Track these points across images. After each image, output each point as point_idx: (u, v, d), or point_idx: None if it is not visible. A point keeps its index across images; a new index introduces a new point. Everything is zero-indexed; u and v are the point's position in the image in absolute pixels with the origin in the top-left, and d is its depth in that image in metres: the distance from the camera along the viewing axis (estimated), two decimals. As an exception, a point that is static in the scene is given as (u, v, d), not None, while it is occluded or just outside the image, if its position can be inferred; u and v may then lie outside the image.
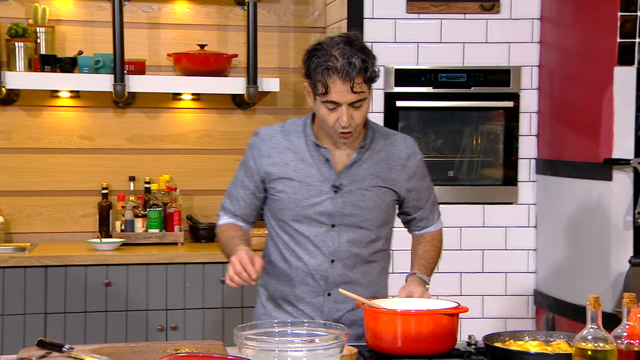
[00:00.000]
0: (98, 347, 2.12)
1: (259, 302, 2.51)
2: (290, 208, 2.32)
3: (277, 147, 2.34)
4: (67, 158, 4.11)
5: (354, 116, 2.22)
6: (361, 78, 2.18)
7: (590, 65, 3.47)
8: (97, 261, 3.68)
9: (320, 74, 2.18)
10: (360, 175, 2.33)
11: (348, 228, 2.33)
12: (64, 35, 4.06)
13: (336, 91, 2.18)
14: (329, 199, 2.31)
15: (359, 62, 2.17)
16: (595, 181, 3.41)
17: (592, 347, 1.72)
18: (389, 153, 2.37)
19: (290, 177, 2.32)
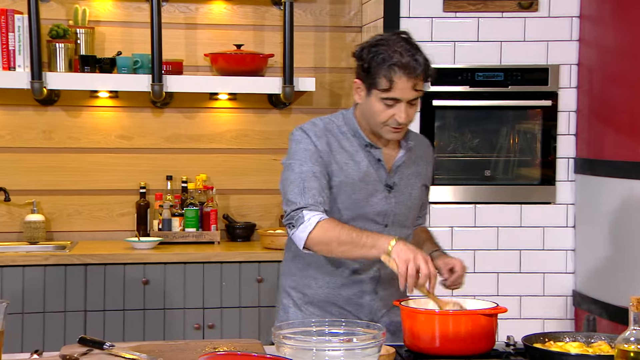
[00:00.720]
0: (137, 345, 2.14)
1: (291, 307, 2.41)
2: (348, 208, 2.30)
3: (331, 146, 2.29)
4: (105, 157, 4.16)
5: (409, 113, 2.23)
6: (423, 77, 2.20)
7: (631, 64, 3.42)
8: (135, 260, 3.71)
9: (385, 69, 2.17)
10: (407, 174, 2.36)
11: (397, 227, 2.34)
12: (103, 36, 4.11)
13: (400, 87, 2.18)
14: (384, 199, 2.32)
15: (422, 59, 2.20)
16: (636, 180, 3.36)
17: (634, 349, 1.70)
18: (421, 150, 2.42)
19: (348, 177, 2.29)
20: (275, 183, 4.26)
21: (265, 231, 3.97)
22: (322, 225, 2.17)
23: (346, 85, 4.31)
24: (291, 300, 2.43)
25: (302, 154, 2.26)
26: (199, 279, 3.75)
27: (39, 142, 4.11)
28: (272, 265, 3.79)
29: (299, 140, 2.28)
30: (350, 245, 2.15)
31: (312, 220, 2.17)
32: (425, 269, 2.06)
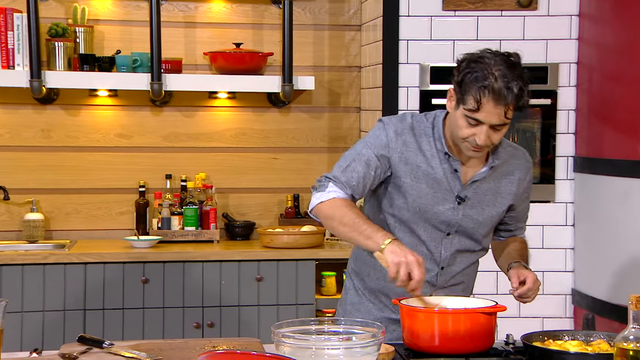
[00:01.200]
0: (137, 343, 2.14)
1: (351, 289, 2.45)
2: (413, 210, 2.28)
3: (408, 146, 2.26)
4: (105, 156, 4.16)
5: (491, 137, 2.16)
6: (513, 106, 2.11)
7: (630, 62, 3.42)
8: (134, 258, 3.72)
9: (475, 89, 2.10)
10: (483, 189, 2.30)
11: (462, 237, 2.32)
12: (102, 34, 4.11)
13: (486, 111, 2.11)
14: (452, 209, 2.28)
15: (517, 89, 2.09)
16: (635, 179, 3.36)
17: (634, 347, 1.70)
18: (511, 167, 2.33)
19: (419, 180, 2.26)
20: (273, 182, 4.31)
21: (264, 230, 3.97)
22: (336, 201, 2.21)
23: (345, 84, 4.31)
24: (352, 283, 2.46)
25: (372, 140, 2.27)
26: (198, 278, 3.75)
27: (38, 140, 4.11)
28: (271, 264, 3.80)
29: (377, 128, 2.29)
30: (349, 228, 2.18)
31: (330, 194, 2.22)
32: (417, 275, 2.06)
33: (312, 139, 4.29)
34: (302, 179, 4.29)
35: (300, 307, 3.80)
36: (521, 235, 2.50)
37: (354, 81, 4.31)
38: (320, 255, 3.85)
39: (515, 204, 2.38)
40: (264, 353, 1.80)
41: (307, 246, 3.88)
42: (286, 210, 4.22)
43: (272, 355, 1.75)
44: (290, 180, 4.28)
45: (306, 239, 3.89)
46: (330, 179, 2.25)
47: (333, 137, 4.31)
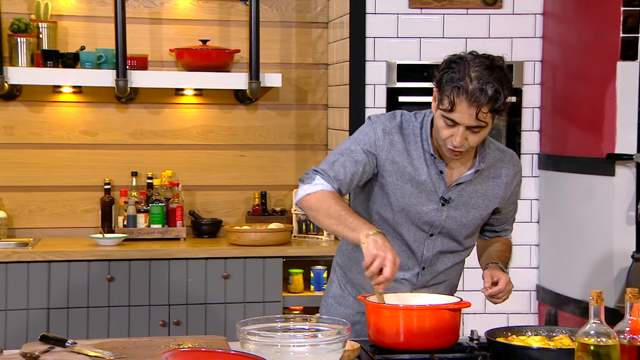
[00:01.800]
0: (100, 342, 2.12)
1: (334, 282, 2.46)
2: (396, 210, 2.28)
3: (395, 145, 2.26)
4: (69, 153, 4.11)
5: (469, 139, 2.15)
6: (488, 107, 2.09)
7: (593, 61, 3.46)
8: (99, 256, 3.68)
9: (449, 90, 2.10)
10: (468, 192, 2.29)
11: (444, 238, 2.32)
12: (66, 30, 4.06)
13: (460, 112, 2.10)
14: (435, 210, 2.28)
15: (492, 92, 2.08)
16: (598, 176, 3.40)
17: (594, 342, 1.72)
18: (499, 171, 2.33)
19: (404, 180, 2.26)
20: (241, 179, 4.29)
21: (231, 227, 3.96)
22: (323, 193, 2.21)
23: (312, 82, 4.31)
24: (336, 276, 2.47)
25: (360, 137, 2.28)
26: (165, 276, 3.73)
27: (1, 137, 4.05)
28: (238, 262, 3.78)
29: (366, 126, 2.30)
30: (335, 221, 2.17)
31: (317, 186, 2.22)
32: (387, 273, 2.05)
33: (279, 137, 4.29)
34: (269, 177, 4.28)
35: (268, 305, 3.79)
36: (507, 237, 2.50)
37: (321, 78, 4.31)
38: (287, 252, 3.85)
39: (501, 207, 2.38)
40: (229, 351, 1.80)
41: (274, 243, 3.87)
42: (253, 207, 4.21)
43: (236, 353, 1.74)
44: (258, 178, 4.27)
45: (273, 237, 3.89)
46: (318, 172, 2.25)
47: (300, 134, 4.31)
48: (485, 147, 2.29)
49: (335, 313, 2.42)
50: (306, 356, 1.84)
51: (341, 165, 2.24)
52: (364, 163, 2.25)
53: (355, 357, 2.03)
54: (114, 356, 2.01)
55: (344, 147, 2.29)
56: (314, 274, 3.97)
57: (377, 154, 2.26)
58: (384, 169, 2.27)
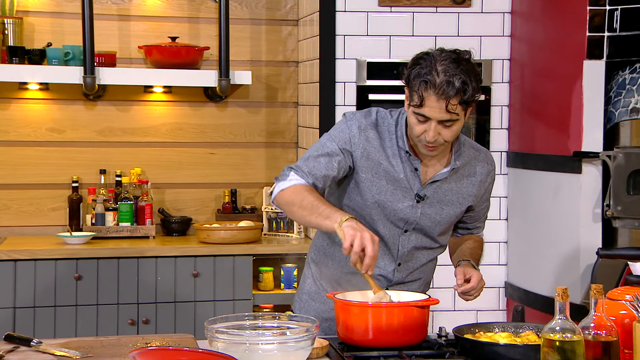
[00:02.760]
0: (67, 341, 2.10)
1: (309, 278, 2.46)
2: (372, 207, 2.29)
3: (370, 142, 2.27)
4: (36, 151, 4.06)
5: (442, 133, 2.16)
6: (457, 99, 2.11)
7: (560, 59, 3.50)
8: (67, 255, 3.65)
9: (417, 85, 2.12)
10: (443, 190, 2.31)
11: (419, 234, 2.33)
12: (32, 26, 4.01)
13: (429, 106, 2.12)
14: (410, 207, 2.29)
15: (459, 83, 2.10)
16: (565, 174, 3.44)
17: (559, 338, 1.74)
18: (473, 169, 2.34)
19: (379, 177, 2.27)
20: (210, 177, 4.27)
21: (201, 225, 3.94)
22: (296, 187, 2.23)
23: (282, 79, 4.30)
24: (310, 272, 2.46)
25: (336, 133, 2.29)
26: (134, 274, 3.70)
27: (-34, 135, 4.00)
28: (207, 260, 3.77)
29: (342, 122, 2.31)
30: (308, 211, 2.18)
31: (292, 182, 2.24)
32: (370, 250, 2.06)
33: (249, 134, 4.28)
34: (239, 174, 4.27)
35: (238, 303, 3.78)
36: (479, 234, 2.52)
37: (292, 76, 4.30)
38: (257, 250, 3.84)
39: (475, 205, 2.40)
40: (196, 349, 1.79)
41: (244, 241, 3.86)
42: (223, 205, 4.19)
43: (204, 352, 1.74)
44: (228, 176, 4.26)
45: (243, 235, 3.88)
46: (292, 169, 2.27)
47: (271, 132, 4.30)
48: (460, 145, 2.31)
49: (310, 309, 2.43)
50: (274, 354, 1.84)
51: (316, 161, 2.26)
52: (339, 159, 2.26)
53: (324, 354, 2.04)
54: (80, 355, 1.99)
55: (319, 144, 2.30)
56: (284, 272, 3.97)
57: (353, 151, 2.27)
58: (360, 165, 2.28)
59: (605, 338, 1.80)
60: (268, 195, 4.08)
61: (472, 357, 1.97)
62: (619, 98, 3.32)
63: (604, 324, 1.80)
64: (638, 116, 3.25)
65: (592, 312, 1.81)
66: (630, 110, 3.28)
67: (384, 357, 2.01)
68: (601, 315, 1.81)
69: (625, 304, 1.90)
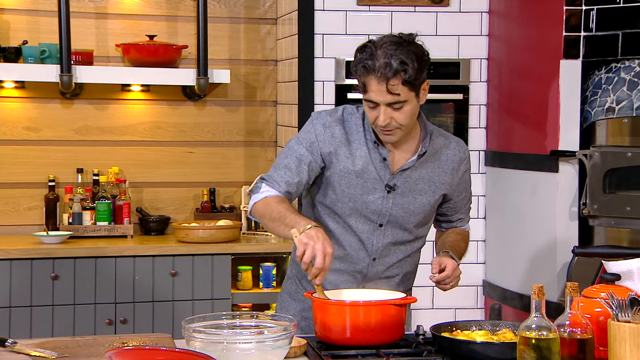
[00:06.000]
0: (42, 341, 2.08)
1: (290, 277, 2.47)
2: (343, 201, 2.29)
3: (336, 138, 2.28)
4: (11, 150, 4.03)
5: (394, 117, 2.17)
6: (398, 80, 2.12)
7: (537, 59, 3.52)
8: (43, 254, 3.62)
9: (359, 71, 2.16)
10: (414, 178, 2.31)
11: (394, 228, 2.33)
12: (7, 24, 3.97)
13: (373, 90, 2.14)
14: (381, 198, 2.29)
15: (397, 64, 2.11)
16: (542, 173, 3.46)
17: (535, 336, 1.75)
18: (444, 156, 2.35)
19: (348, 171, 2.28)
20: (189, 176, 4.25)
21: (179, 224, 3.92)
22: (267, 199, 2.25)
23: (261, 78, 4.29)
24: (292, 272, 2.47)
25: (303, 135, 2.31)
26: (111, 274, 3.68)
27: (-59, 133, 3.95)
28: (186, 259, 3.75)
29: (307, 123, 2.33)
30: (277, 222, 2.21)
31: (263, 194, 2.27)
32: (319, 262, 2.06)
33: (228, 133, 4.26)
34: (218, 173, 4.25)
35: (216, 302, 3.77)
36: (463, 227, 2.52)
37: (270, 75, 4.29)
38: (236, 249, 3.83)
39: (450, 194, 2.39)
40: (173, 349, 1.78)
41: (223, 240, 3.85)
42: (202, 204, 4.18)
43: (181, 351, 1.73)
44: (206, 175, 4.24)
45: (222, 234, 3.87)
46: (264, 179, 2.30)
47: (249, 131, 4.29)
48: (427, 133, 2.31)
49: (289, 308, 2.43)
50: (252, 353, 1.84)
51: (286, 167, 2.28)
52: (308, 161, 2.27)
53: (302, 353, 2.04)
54: (56, 355, 1.97)
55: (288, 149, 2.32)
56: (262, 271, 3.96)
57: (321, 149, 2.28)
58: (329, 162, 2.29)
59: (580, 335, 1.81)
60: (247, 195, 4.07)
61: (450, 355, 1.98)
62: (595, 97, 3.35)
63: (580, 322, 1.82)
64: (614, 115, 3.28)
65: (568, 310, 1.82)
66: (606, 109, 3.31)
67: (362, 355, 2.01)
68: (577, 313, 1.82)
69: (600, 302, 1.92)
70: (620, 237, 3.31)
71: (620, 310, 1.80)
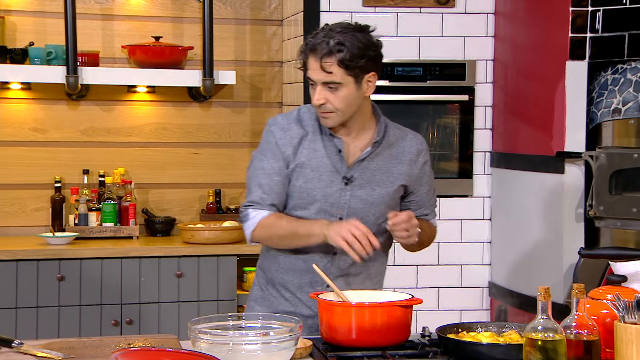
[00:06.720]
0: (48, 342, 2.09)
1: (256, 284, 2.48)
2: (301, 197, 2.32)
3: (295, 137, 2.31)
4: (18, 151, 4.03)
5: (329, 98, 2.23)
6: (333, 59, 2.18)
7: (543, 60, 3.52)
8: (49, 255, 3.62)
9: (302, 49, 2.25)
10: (371, 169, 2.33)
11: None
12: (14, 25, 3.98)
13: (311, 68, 2.23)
14: (339, 191, 2.31)
15: (333, 42, 2.18)
16: (548, 174, 3.46)
17: (541, 337, 1.75)
18: (400, 148, 2.37)
19: (304, 167, 2.31)
20: (195, 177, 4.26)
21: (185, 226, 3.93)
22: (262, 223, 2.31)
23: (267, 79, 4.30)
24: (258, 279, 2.49)
25: (264, 147, 2.35)
26: (117, 275, 3.69)
27: (-52, 134, 3.96)
28: (191, 260, 3.76)
29: (265, 133, 2.38)
30: (289, 239, 2.29)
31: (255, 220, 2.32)
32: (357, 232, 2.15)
33: (234, 134, 4.27)
34: (224, 174, 4.26)
35: (222, 303, 3.78)
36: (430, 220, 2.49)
37: (276, 76, 4.30)
38: (241, 250, 3.83)
39: (411, 186, 2.39)
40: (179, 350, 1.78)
41: (228, 242, 3.85)
42: (207, 205, 4.18)
43: (186, 352, 1.73)
44: (212, 176, 4.25)
45: (227, 235, 3.87)
46: (247, 206, 2.34)
47: (255, 132, 4.29)
48: (383, 125, 2.34)
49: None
50: (258, 354, 1.84)
51: (258, 186, 2.33)
52: (276, 170, 2.32)
53: (308, 354, 2.04)
54: (62, 356, 1.98)
55: (254, 168, 2.36)
56: (268, 272, 3.96)
57: (283, 152, 2.32)
58: (292, 162, 2.32)
59: (587, 337, 1.81)
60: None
61: (455, 356, 1.98)
62: (601, 99, 3.34)
63: (586, 323, 1.81)
64: (620, 117, 3.28)
65: (574, 312, 1.82)
66: (613, 110, 3.30)
67: (368, 357, 2.01)
68: (583, 314, 1.82)
69: (606, 304, 1.91)
70: (626, 239, 3.30)
71: (627, 312, 1.80)
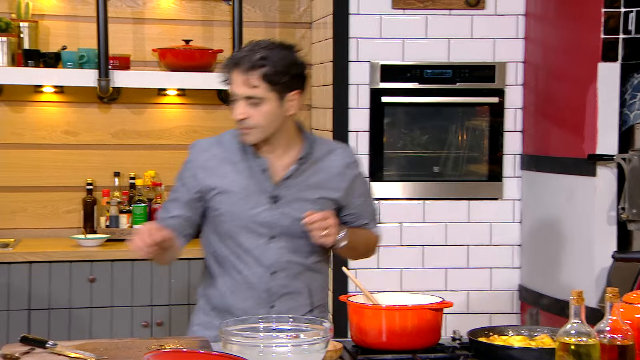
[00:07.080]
0: (82, 343, 2.11)
1: (199, 312, 2.45)
2: (228, 221, 2.30)
3: (214, 159, 2.31)
4: (51, 154, 4.09)
5: (250, 114, 2.21)
6: (257, 74, 2.18)
7: (575, 62, 3.48)
8: (81, 257, 3.66)
9: (225, 63, 2.25)
10: (299, 186, 2.31)
11: (288, 238, 2.31)
12: (47, 30, 4.03)
13: (233, 82, 2.22)
14: (267, 210, 2.28)
15: (257, 57, 2.18)
16: (579, 177, 3.42)
17: (575, 342, 1.73)
18: (328, 162, 2.35)
19: (228, 190, 2.29)
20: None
21: (214, 228, 3.94)
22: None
23: (296, 82, 4.30)
24: (200, 305, 2.45)
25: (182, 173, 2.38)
26: (147, 276, 3.71)
27: (-18, 138, 4.02)
28: (221, 262, 3.77)
29: (186, 161, 2.39)
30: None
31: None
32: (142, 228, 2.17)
33: (262, 137, 4.27)
34: (252, 177, 4.27)
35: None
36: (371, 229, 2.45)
37: (305, 79, 4.30)
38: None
39: (342, 200, 2.35)
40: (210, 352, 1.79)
41: (257, 244, 3.86)
42: (236, 208, 4.20)
43: (218, 354, 1.74)
44: (241, 178, 4.26)
45: (256, 237, 3.88)
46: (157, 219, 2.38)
47: (284, 134, 4.30)
48: (310, 142, 2.32)
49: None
50: (289, 356, 1.84)
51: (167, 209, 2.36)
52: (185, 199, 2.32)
53: (338, 357, 2.04)
54: (95, 357, 2.00)
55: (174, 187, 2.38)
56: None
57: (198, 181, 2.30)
58: (208, 187, 2.30)
59: (621, 342, 1.78)
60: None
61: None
62: (634, 100, 3.30)
63: (620, 328, 1.79)
64: (653, 119, 3.24)
65: (608, 316, 1.80)
66: (646, 112, 3.26)
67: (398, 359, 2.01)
68: (617, 319, 1.80)
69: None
70: (659, 242, 3.26)
71: (662, 317, 1.77)
